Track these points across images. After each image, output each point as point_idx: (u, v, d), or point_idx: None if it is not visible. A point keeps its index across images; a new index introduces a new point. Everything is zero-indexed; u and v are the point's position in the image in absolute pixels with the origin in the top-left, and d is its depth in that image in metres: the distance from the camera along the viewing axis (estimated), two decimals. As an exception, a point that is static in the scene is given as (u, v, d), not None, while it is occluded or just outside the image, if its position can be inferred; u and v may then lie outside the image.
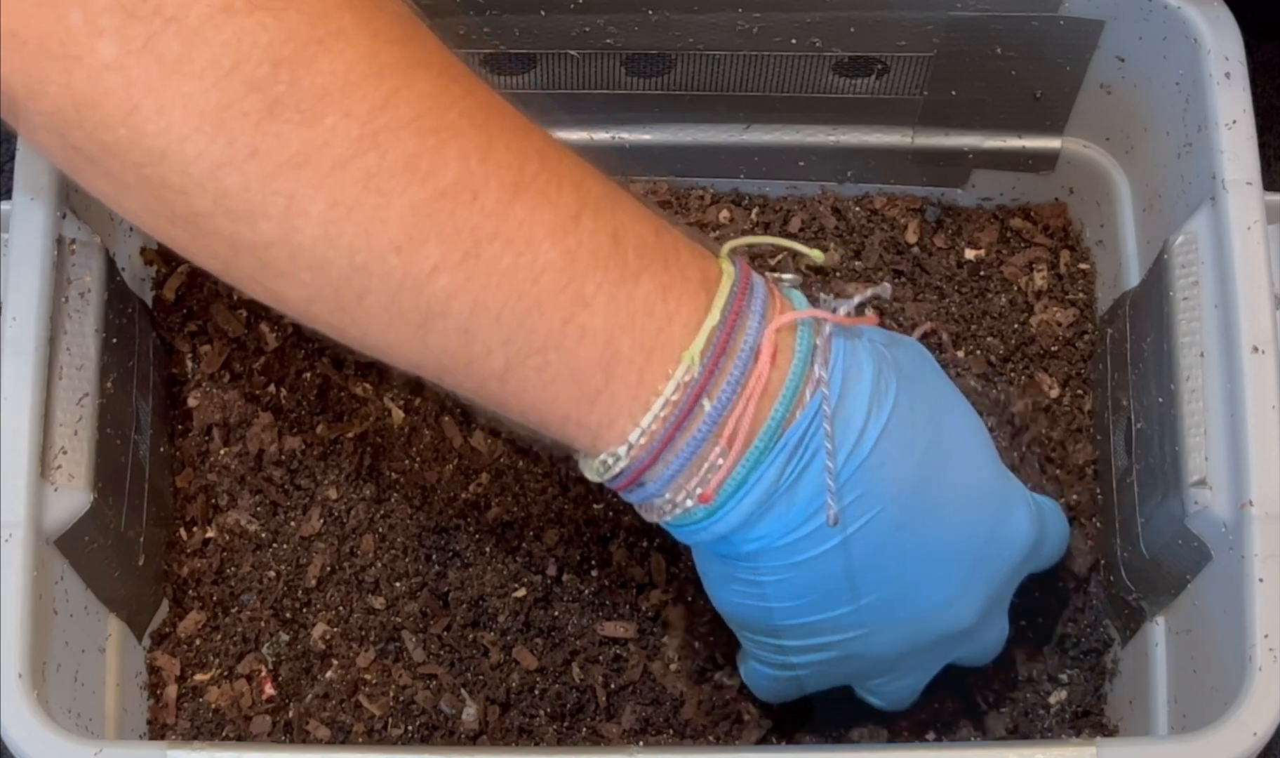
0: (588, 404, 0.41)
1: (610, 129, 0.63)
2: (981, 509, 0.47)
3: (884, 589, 0.46)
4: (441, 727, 0.57)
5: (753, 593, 0.46)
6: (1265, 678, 0.46)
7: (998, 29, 0.56)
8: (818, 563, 0.44)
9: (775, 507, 0.42)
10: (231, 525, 0.60)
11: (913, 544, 0.45)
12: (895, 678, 0.51)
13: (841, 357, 0.42)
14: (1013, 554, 0.48)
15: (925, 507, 0.45)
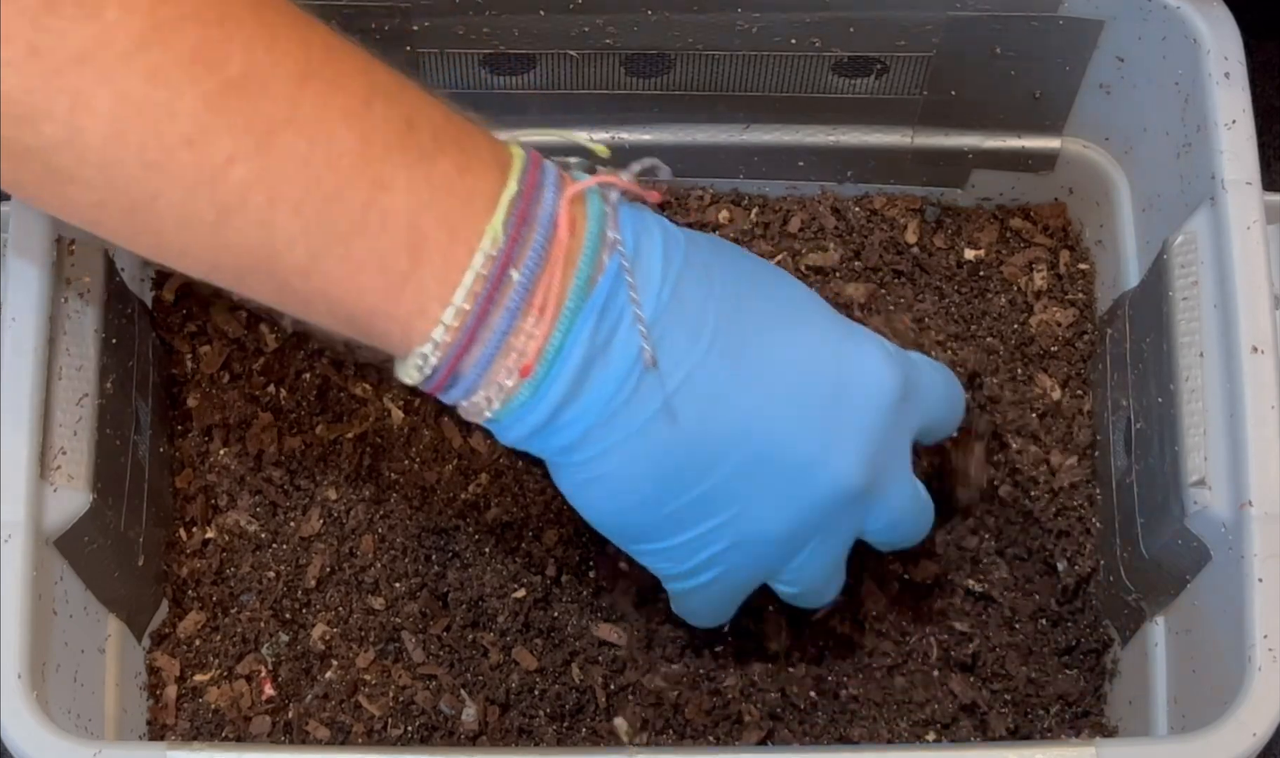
0: (396, 292, 0.40)
1: (610, 129, 0.63)
2: (816, 351, 0.46)
3: (735, 452, 0.45)
4: (441, 727, 0.57)
5: (606, 490, 0.45)
6: (1265, 678, 0.46)
7: (997, 29, 0.56)
8: (652, 431, 0.43)
9: (594, 373, 0.42)
10: (231, 526, 0.60)
11: (748, 399, 0.44)
12: (802, 563, 0.48)
13: (630, 221, 0.43)
14: (875, 398, 0.46)
15: (750, 355, 0.44)
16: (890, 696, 0.59)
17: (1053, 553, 0.60)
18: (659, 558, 0.48)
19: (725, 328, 0.44)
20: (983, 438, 0.60)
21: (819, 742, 0.58)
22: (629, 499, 0.45)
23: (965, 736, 0.58)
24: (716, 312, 0.44)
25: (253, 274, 0.40)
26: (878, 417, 0.46)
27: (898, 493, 0.49)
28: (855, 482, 0.46)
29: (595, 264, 0.42)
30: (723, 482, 0.45)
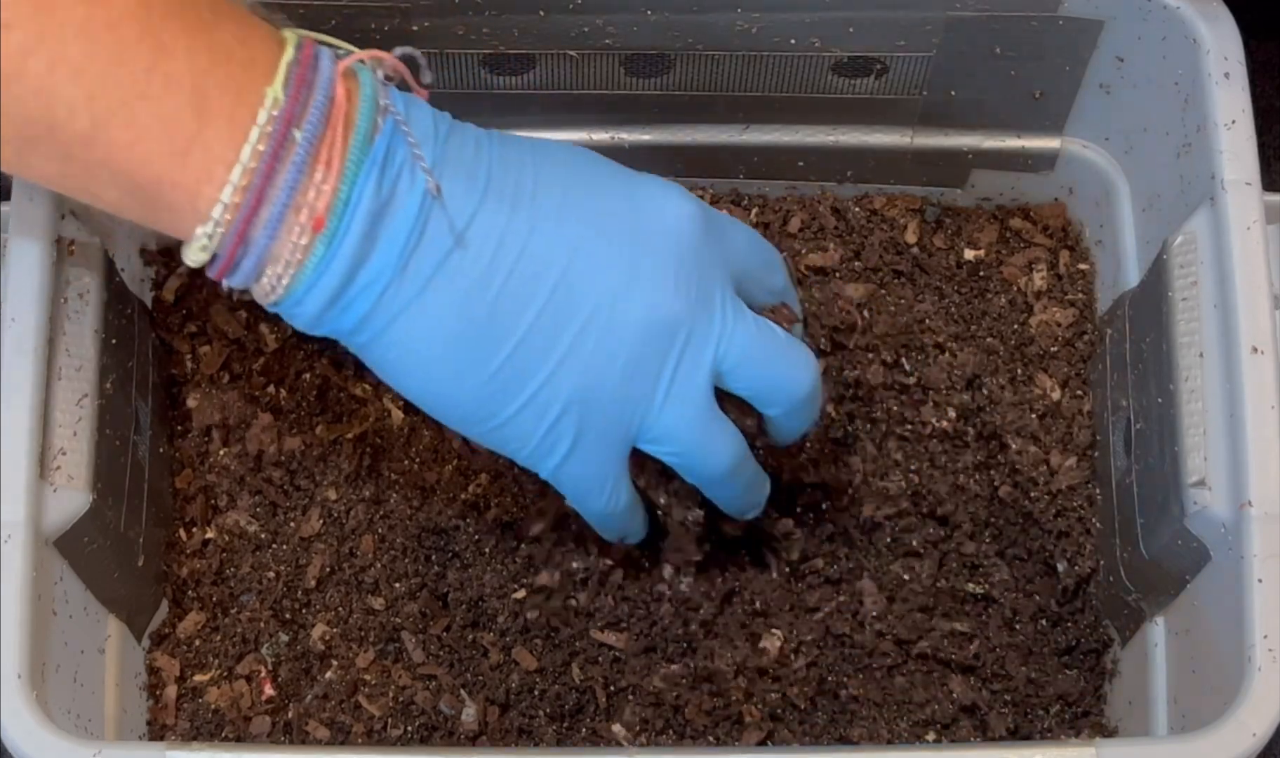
0: (182, 157, 0.40)
1: (610, 129, 0.63)
2: (607, 191, 0.47)
3: (538, 296, 0.45)
4: (441, 727, 0.57)
5: (421, 360, 0.45)
6: (1265, 678, 0.46)
7: (997, 29, 0.56)
8: (449, 278, 0.44)
9: (384, 225, 0.43)
10: (231, 526, 0.60)
11: (540, 241, 0.45)
12: (663, 416, 0.48)
13: (399, 95, 0.44)
14: (674, 229, 0.47)
15: (536, 200, 0.45)
16: (890, 696, 0.59)
17: (1053, 554, 0.60)
18: (510, 437, 0.47)
19: (502, 177, 0.45)
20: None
21: (819, 742, 0.58)
22: (447, 366, 0.45)
23: (965, 736, 0.58)
24: (490, 162, 0.45)
25: (34, 148, 0.40)
26: (681, 244, 0.47)
27: (737, 325, 0.48)
28: (671, 307, 0.46)
29: (372, 124, 0.43)
30: (535, 331, 0.45)
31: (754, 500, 0.54)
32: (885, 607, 0.59)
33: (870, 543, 0.60)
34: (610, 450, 0.49)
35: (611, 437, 0.48)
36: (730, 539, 0.59)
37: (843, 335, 0.61)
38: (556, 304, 0.45)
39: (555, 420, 0.47)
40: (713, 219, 0.49)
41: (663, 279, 0.46)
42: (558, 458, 0.48)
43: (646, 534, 0.55)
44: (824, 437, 0.61)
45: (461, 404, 0.47)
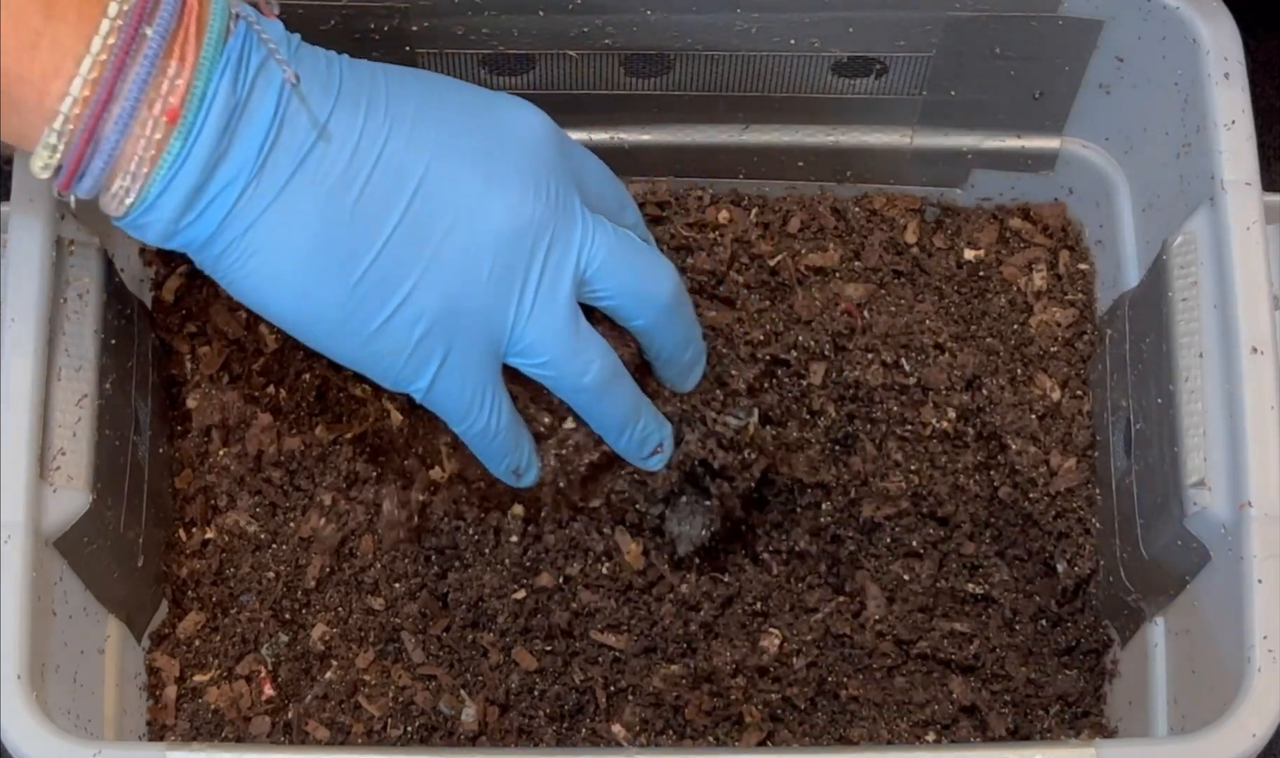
0: (30, 50, 0.40)
1: (609, 129, 0.63)
2: (464, 104, 0.48)
3: (399, 199, 0.45)
4: (441, 728, 0.57)
5: (281, 269, 0.45)
6: (1264, 679, 0.46)
7: (997, 29, 0.56)
8: (312, 179, 0.44)
9: (241, 122, 0.43)
10: (231, 526, 0.60)
11: (399, 145, 0.46)
12: (529, 325, 0.48)
13: (249, 8, 0.44)
14: (530, 138, 0.48)
15: (391, 109, 0.46)
16: (890, 696, 0.59)
17: (1052, 554, 0.60)
18: (381, 353, 0.47)
19: (355, 85, 0.46)
20: None
21: (819, 742, 0.58)
22: (311, 272, 0.45)
23: (965, 736, 0.58)
24: (342, 73, 0.46)
25: None
26: (538, 154, 0.48)
27: (598, 230, 0.49)
28: (532, 212, 0.47)
29: (226, 25, 0.43)
30: (399, 236, 0.45)
31: (644, 437, 0.54)
32: (885, 607, 0.59)
33: (870, 543, 0.60)
34: (482, 363, 0.49)
35: (481, 348, 0.48)
36: (731, 541, 0.59)
37: (843, 337, 0.61)
38: (419, 209, 0.46)
39: (425, 332, 0.47)
40: (567, 140, 0.50)
41: (522, 185, 0.47)
42: (429, 375, 0.48)
43: (539, 476, 0.55)
44: (824, 437, 0.61)
45: (327, 316, 0.46)
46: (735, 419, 0.58)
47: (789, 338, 0.61)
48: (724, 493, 0.57)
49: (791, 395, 0.61)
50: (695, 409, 0.57)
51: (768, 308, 0.62)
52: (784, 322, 0.62)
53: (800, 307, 0.62)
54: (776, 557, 0.60)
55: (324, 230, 0.45)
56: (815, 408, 0.61)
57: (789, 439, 0.60)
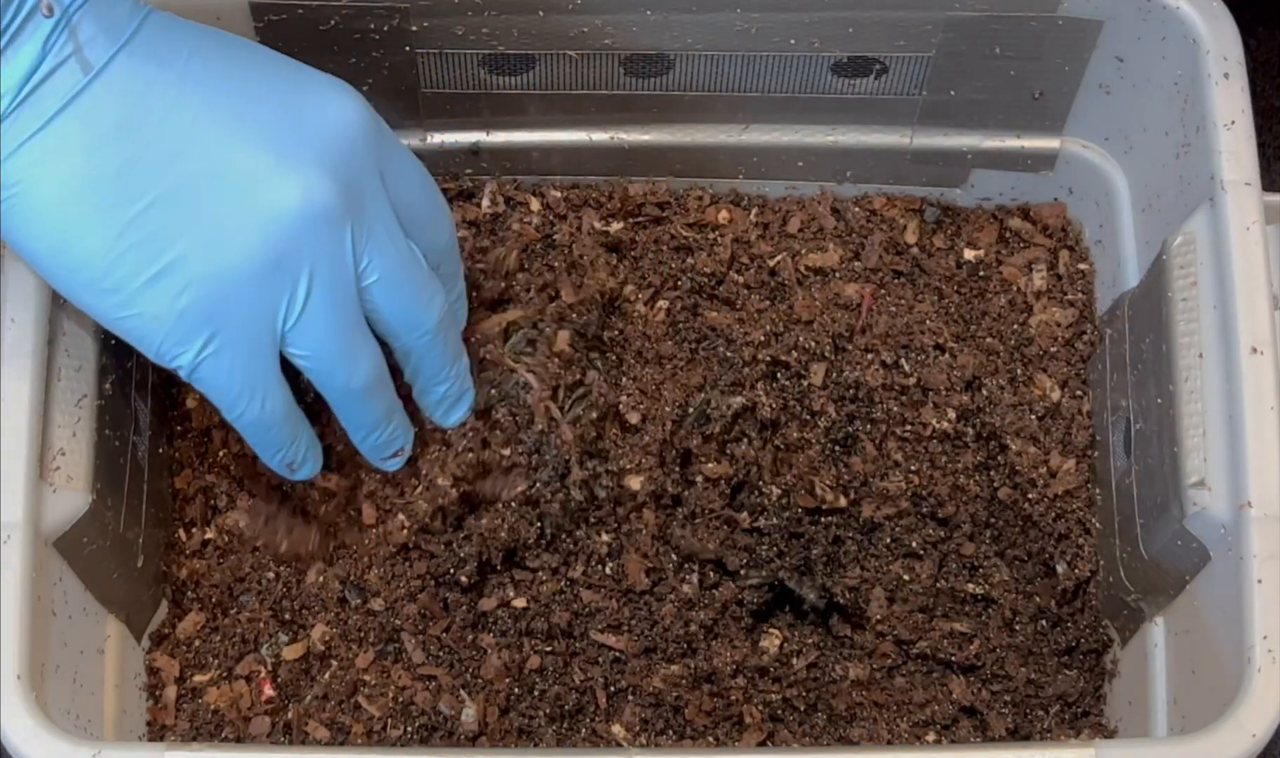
0: None
1: (609, 129, 0.63)
2: (273, 74, 0.46)
3: (177, 157, 0.44)
4: (441, 728, 0.57)
5: (46, 202, 0.44)
6: (1264, 679, 0.46)
7: (996, 29, 0.56)
8: (83, 118, 0.43)
9: (7, 55, 0.42)
10: (230, 526, 0.60)
11: (190, 100, 0.44)
12: (304, 318, 0.46)
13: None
14: (340, 124, 0.46)
15: (190, 65, 0.44)
16: (890, 696, 0.59)
17: (1052, 555, 0.60)
18: (142, 316, 0.45)
19: (153, 35, 0.44)
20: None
21: (819, 742, 0.58)
22: (72, 211, 0.44)
23: (965, 736, 0.58)
24: (144, 21, 0.44)
25: None
26: (344, 141, 0.46)
27: (389, 240, 0.47)
28: (321, 199, 0.45)
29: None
30: (173, 196, 0.44)
31: (392, 440, 0.53)
32: (885, 607, 0.59)
33: (870, 543, 0.60)
34: (254, 351, 0.47)
35: (253, 334, 0.46)
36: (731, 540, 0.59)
37: (843, 337, 0.61)
38: (199, 171, 0.44)
39: (190, 305, 0.45)
40: (385, 138, 0.48)
41: (318, 171, 0.45)
42: (193, 352, 0.46)
43: (319, 465, 0.54)
44: (824, 437, 0.61)
45: (87, 266, 0.44)
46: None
47: (789, 338, 0.61)
48: None
49: (791, 396, 0.61)
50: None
51: (768, 308, 0.62)
52: (784, 322, 0.62)
53: (800, 307, 0.62)
54: (778, 556, 0.60)
55: (89, 174, 0.43)
56: (815, 408, 0.61)
57: (789, 439, 0.60)
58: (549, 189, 0.64)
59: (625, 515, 0.59)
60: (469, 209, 0.64)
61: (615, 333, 0.61)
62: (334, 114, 0.46)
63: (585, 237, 0.63)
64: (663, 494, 0.59)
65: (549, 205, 0.64)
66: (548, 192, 0.64)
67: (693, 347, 0.61)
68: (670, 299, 0.62)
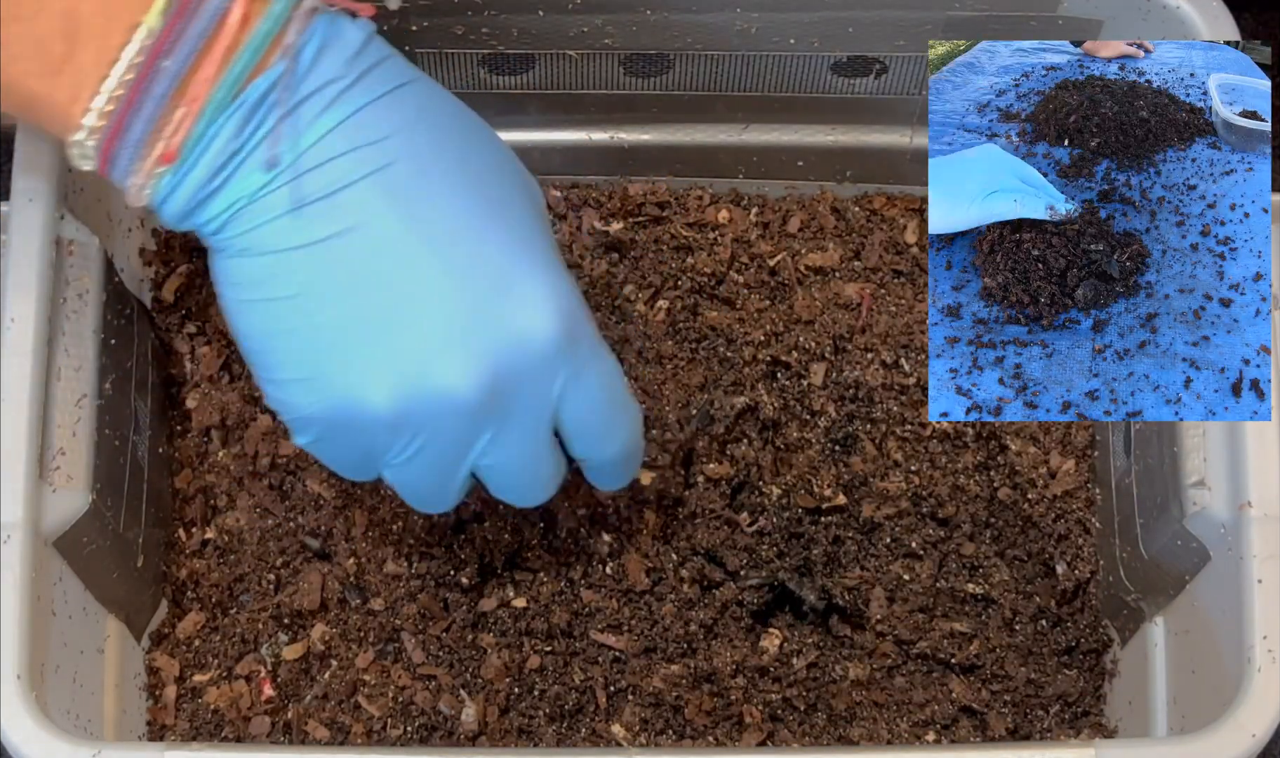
0: (53, 77, 0.41)
1: (609, 129, 0.63)
2: (490, 248, 0.44)
3: (356, 303, 0.43)
4: (441, 727, 0.57)
5: (247, 297, 0.44)
6: (1264, 679, 0.46)
7: (996, 29, 0.56)
8: (283, 245, 0.43)
9: (238, 170, 0.42)
10: (230, 526, 0.60)
11: (386, 259, 0.43)
12: (408, 466, 0.46)
13: (323, 31, 0.43)
14: (520, 335, 0.44)
15: (417, 207, 0.44)
16: (890, 696, 0.59)
17: (1052, 555, 0.60)
18: (290, 388, 0.46)
19: (398, 175, 0.44)
20: None
21: (819, 742, 0.58)
22: (259, 308, 0.44)
23: (965, 736, 0.58)
24: (398, 154, 0.44)
25: None
26: (517, 356, 0.44)
27: (516, 446, 0.47)
28: (469, 397, 0.44)
29: (257, 62, 0.42)
30: (341, 326, 0.44)
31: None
32: (885, 607, 0.59)
33: (870, 543, 0.60)
34: (355, 464, 0.48)
35: (359, 456, 0.47)
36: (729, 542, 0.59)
37: (843, 337, 0.61)
38: (364, 319, 0.44)
39: (311, 416, 0.46)
40: (578, 350, 0.46)
41: (476, 371, 0.44)
42: (304, 439, 0.47)
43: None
44: (824, 437, 0.61)
45: (266, 345, 0.45)
46: None
47: (789, 338, 0.61)
48: None
49: (792, 395, 0.61)
50: None
51: (768, 308, 0.62)
52: (784, 322, 0.62)
53: (800, 307, 0.62)
54: (778, 558, 0.60)
55: (277, 288, 0.44)
56: (815, 408, 0.61)
57: (789, 439, 0.60)
58: (549, 188, 0.64)
59: (627, 515, 0.59)
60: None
61: (616, 333, 0.61)
62: (523, 326, 0.44)
63: (585, 236, 0.63)
64: (666, 494, 0.59)
65: (548, 205, 0.64)
66: (547, 191, 0.64)
67: (693, 346, 0.61)
68: (670, 299, 0.62)
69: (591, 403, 0.47)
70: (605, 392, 0.48)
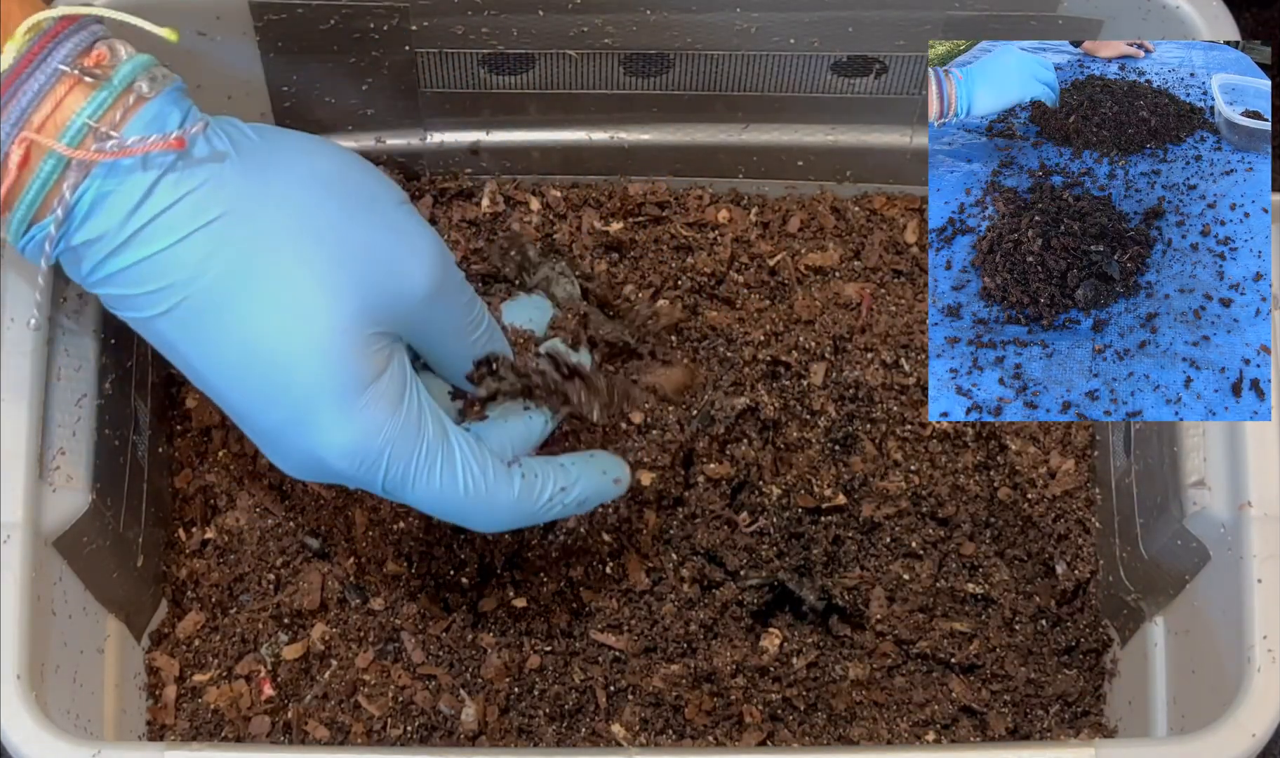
0: None
1: (609, 129, 0.63)
2: (364, 221, 0.45)
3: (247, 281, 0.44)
4: (440, 727, 0.57)
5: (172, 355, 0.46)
6: (1264, 679, 0.46)
7: (996, 28, 0.56)
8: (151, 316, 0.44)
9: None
10: (230, 526, 0.60)
11: (264, 241, 0.44)
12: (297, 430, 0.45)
13: (100, 183, 0.42)
14: (401, 289, 0.46)
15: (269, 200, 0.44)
16: (890, 696, 0.59)
17: (1052, 555, 0.60)
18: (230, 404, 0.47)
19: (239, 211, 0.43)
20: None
21: (819, 742, 0.58)
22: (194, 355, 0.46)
23: (965, 736, 0.58)
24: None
25: None
26: (396, 307, 0.46)
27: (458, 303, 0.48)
28: (343, 358, 0.44)
29: (38, 206, 0.42)
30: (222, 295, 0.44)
31: None
32: (885, 607, 0.59)
33: (870, 543, 0.60)
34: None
35: (280, 428, 0.46)
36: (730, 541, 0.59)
37: (843, 337, 0.61)
38: (259, 289, 0.44)
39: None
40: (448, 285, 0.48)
41: (351, 324, 0.44)
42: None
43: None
44: (824, 437, 0.61)
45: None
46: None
47: (789, 338, 0.61)
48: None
49: (792, 395, 0.61)
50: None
51: (768, 308, 0.62)
52: (784, 321, 0.62)
53: (800, 306, 0.62)
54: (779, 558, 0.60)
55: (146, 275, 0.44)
56: (815, 408, 0.61)
57: (789, 439, 0.60)
58: (549, 188, 0.64)
59: (627, 515, 0.59)
60: (469, 209, 0.64)
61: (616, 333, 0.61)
62: (406, 281, 0.46)
63: (585, 236, 0.63)
64: (666, 494, 0.59)
65: (549, 205, 0.64)
66: (548, 191, 0.64)
67: (693, 346, 0.61)
68: (670, 298, 0.62)
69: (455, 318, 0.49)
70: (462, 307, 0.49)
